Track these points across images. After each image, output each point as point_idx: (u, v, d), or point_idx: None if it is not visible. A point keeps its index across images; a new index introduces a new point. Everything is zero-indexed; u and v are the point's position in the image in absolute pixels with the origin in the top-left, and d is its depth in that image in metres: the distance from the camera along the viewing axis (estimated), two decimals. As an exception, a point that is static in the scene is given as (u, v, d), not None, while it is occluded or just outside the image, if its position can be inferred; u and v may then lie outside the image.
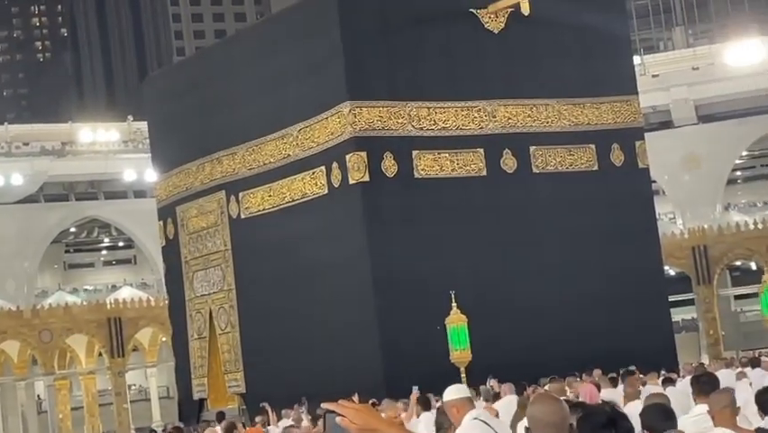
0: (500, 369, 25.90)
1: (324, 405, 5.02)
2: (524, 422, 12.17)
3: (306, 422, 21.70)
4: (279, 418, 24.37)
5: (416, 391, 22.14)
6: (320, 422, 21.73)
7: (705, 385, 10.53)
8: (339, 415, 4.86)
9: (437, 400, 20.86)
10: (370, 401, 24.95)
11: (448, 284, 31.02)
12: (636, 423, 7.00)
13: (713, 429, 8.58)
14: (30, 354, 55.74)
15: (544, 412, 6.68)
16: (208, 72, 42.60)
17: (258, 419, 25.69)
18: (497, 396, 19.73)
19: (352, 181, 34.47)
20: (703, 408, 9.97)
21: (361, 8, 36.82)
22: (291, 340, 35.41)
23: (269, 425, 23.59)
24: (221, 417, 31.15)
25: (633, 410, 9.46)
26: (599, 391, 19.37)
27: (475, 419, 11.06)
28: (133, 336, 56.92)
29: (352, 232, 34.39)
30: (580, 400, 16.24)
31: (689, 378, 17.74)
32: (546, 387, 20.71)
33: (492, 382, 23.21)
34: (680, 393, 15.88)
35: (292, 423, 21.43)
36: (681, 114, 65.79)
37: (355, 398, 26.13)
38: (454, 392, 11.89)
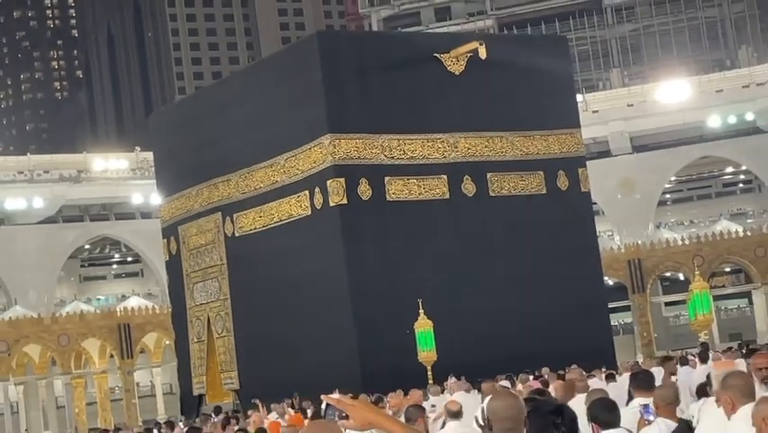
0: (461, 368, 25.83)
1: (325, 398, 4.94)
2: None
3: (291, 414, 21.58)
4: (269, 411, 24.24)
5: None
6: (309, 413, 21.62)
7: (642, 381, 10.72)
8: (338, 410, 4.80)
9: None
10: (349, 395, 25.05)
11: (416, 293, 31.01)
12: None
13: (658, 420, 8.59)
14: (49, 355, 55.50)
15: (503, 407, 6.63)
16: (206, 108, 42.52)
17: (250, 412, 25.58)
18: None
19: (332, 204, 34.42)
20: (641, 400, 9.97)
21: (338, 53, 36.82)
22: (279, 343, 35.31)
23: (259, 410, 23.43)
24: (218, 410, 31.04)
25: (575, 404, 9.43)
26: (548, 386, 19.33)
27: None
28: (141, 340, 56.73)
29: (331, 248, 34.33)
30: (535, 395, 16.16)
31: (627, 375, 17.75)
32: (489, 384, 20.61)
33: (452, 380, 23.10)
34: (619, 388, 15.89)
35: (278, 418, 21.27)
36: (617, 144, 66.09)
37: (336, 393, 26.14)
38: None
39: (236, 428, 17.74)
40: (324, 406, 16.33)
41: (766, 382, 9.41)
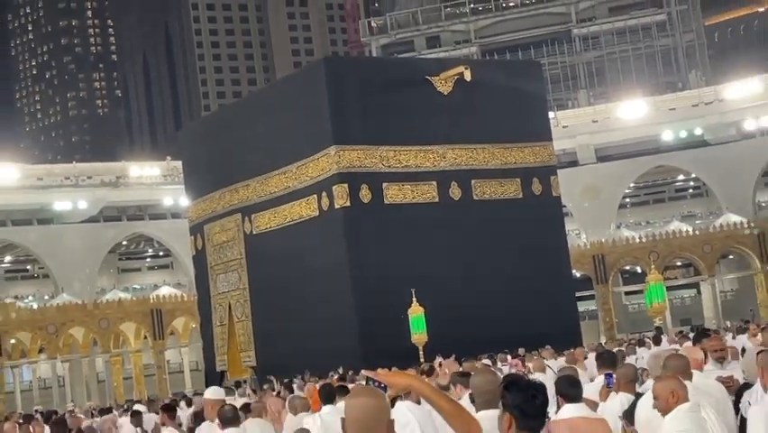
0: (449, 348, 25.77)
1: (365, 372, 4.90)
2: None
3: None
4: (282, 384, 24.10)
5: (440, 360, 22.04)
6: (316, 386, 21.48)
7: (606, 360, 10.75)
8: (377, 382, 4.75)
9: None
10: (350, 372, 25.03)
11: (409, 284, 31.08)
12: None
13: (620, 394, 8.61)
14: (91, 337, 55.48)
15: (482, 382, 6.66)
16: (228, 123, 42.54)
17: (265, 386, 25.52)
18: (431, 370, 19.62)
19: (336, 206, 34.46)
20: (603, 379, 9.99)
21: (342, 76, 36.84)
22: (291, 326, 35.33)
23: (274, 390, 23.36)
24: (238, 384, 31.01)
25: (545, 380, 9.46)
26: (524, 364, 19.36)
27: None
28: (171, 324, 56.72)
29: (336, 245, 34.37)
30: (510, 372, 16.21)
31: (592, 355, 17.76)
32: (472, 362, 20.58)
33: (440, 359, 23.10)
34: (585, 366, 15.94)
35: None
36: (584, 155, 66.11)
37: (340, 370, 26.12)
38: (211, 393, 11.63)
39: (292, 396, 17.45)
40: (364, 381, 16.34)
41: (720, 361, 9.55)
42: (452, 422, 4.67)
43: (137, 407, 20.53)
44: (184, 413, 19.36)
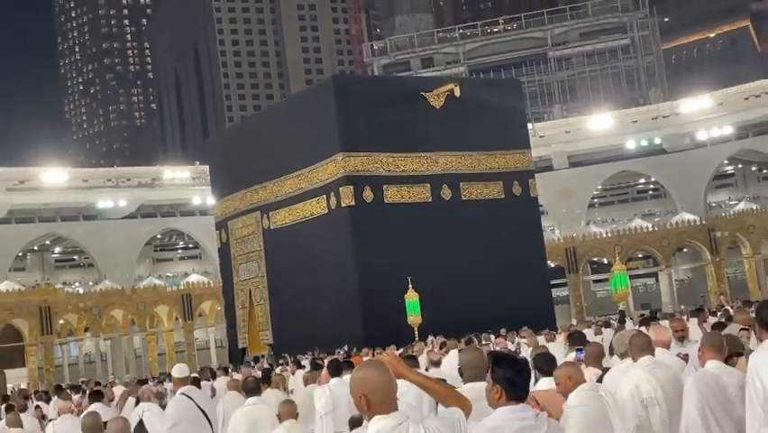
0: (439, 328, 25.84)
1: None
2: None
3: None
4: (295, 361, 24.10)
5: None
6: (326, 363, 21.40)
7: (576, 338, 10.82)
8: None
9: (396, 349, 20.77)
10: (354, 349, 25.06)
11: (406, 272, 31.07)
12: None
13: (587, 368, 8.63)
14: (130, 318, 55.55)
15: (471, 358, 6.66)
16: (249, 132, 42.54)
17: (281, 361, 25.51)
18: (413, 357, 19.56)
19: (343, 205, 34.44)
20: (575, 354, 10.03)
21: (348, 91, 36.84)
22: (302, 309, 35.32)
23: (287, 365, 23.31)
24: (257, 359, 31.05)
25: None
26: (506, 341, 19.40)
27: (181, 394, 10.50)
28: (199, 306, 56.80)
29: (343, 238, 34.35)
30: (494, 349, 16.21)
31: (564, 334, 17.78)
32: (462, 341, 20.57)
33: (431, 338, 23.12)
34: (559, 344, 15.95)
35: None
36: (558, 161, 66.08)
37: (345, 347, 26.14)
38: (177, 371, 11.20)
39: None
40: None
41: (680, 340, 9.63)
42: (448, 403, 4.67)
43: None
44: (206, 385, 19.30)
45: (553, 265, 52.43)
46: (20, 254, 62.05)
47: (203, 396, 11.03)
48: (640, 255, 60.90)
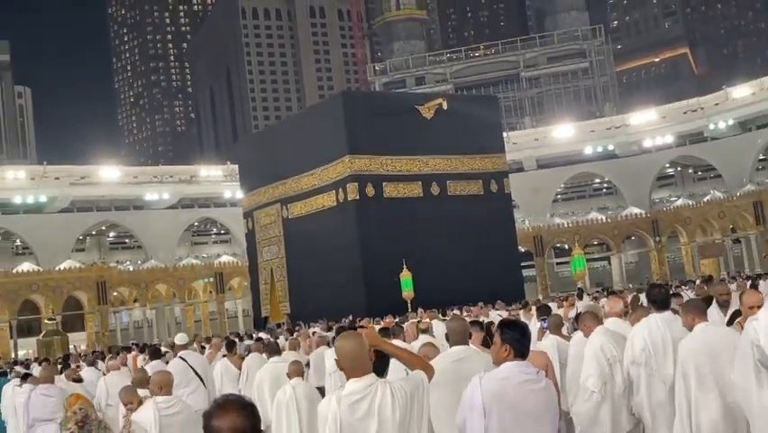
0: (429, 302, 25.91)
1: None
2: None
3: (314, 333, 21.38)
4: (309, 327, 24.09)
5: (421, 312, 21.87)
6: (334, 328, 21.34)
7: (542, 310, 10.81)
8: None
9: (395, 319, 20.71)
10: (357, 319, 25.09)
11: (401, 255, 31.11)
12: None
13: (551, 336, 8.63)
14: (171, 291, 55.54)
15: (456, 326, 6.67)
16: (271, 138, 42.53)
17: (296, 327, 25.51)
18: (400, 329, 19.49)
19: (349, 199, 34.49)
20: (540, 323, 10.04)
21: (355, 104, 36.94)
22: (314, 285, 35.38)
23: (302, 329, 23.28)
24: (278, 326, 31.05)
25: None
26: (482, 314, 19.33)
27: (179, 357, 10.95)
28: (229, 282, 56.74)
29: (349, 227, 34.39)
30: (474, 319, 16.19)
31: (534, 307, 17.77)
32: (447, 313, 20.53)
33: (420, 311, 23.12)
34: (530, 315, 15.96)
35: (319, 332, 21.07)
36: (528, 164, 66.03)
37: (350, 317, 26.18)
38: (178, 339, 11.68)
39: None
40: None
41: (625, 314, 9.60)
42: (413, 368, 4.71)
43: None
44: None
45: (522, 250, 52.44)
46: (80, 238, 62.03)
47: (196, 359, 11.29)
48: (595, 242, 60.92)
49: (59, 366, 15.37)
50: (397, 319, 18.37)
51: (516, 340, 4.70)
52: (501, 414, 4.49)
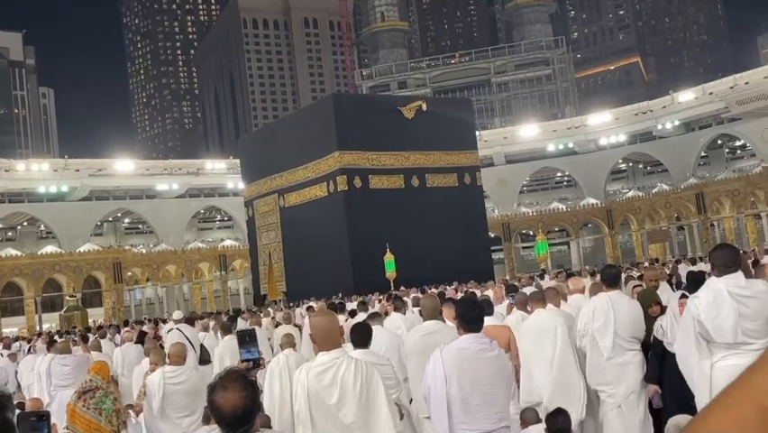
0: (410, 282, 25.92)
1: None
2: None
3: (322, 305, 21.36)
4: (299, 306, 23.98)
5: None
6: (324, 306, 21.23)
7: (510, 288, 10.88)
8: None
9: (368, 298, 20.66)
10: (345, 297, 25.06)
11: (385, 239, 31.02)
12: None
13: (516, 311, 8.59)
14: (180, 271, 55.26)
15: (428, 303, 6.68)
16: (270, 134, 42.27)
17: (291, 304, 25.46)
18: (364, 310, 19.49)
19: (339, 190, 34.35)
20: (509, 300, 10.04)
21: (344, 105, 36.72)
22: (307, 266, 35.27)
23: (297, 307, 23.24)
24: (275, 302, 31.00)
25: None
26: (457, 292, 19.40)
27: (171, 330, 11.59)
28: (232, 264, 56.52)
29: (338, 215, 34.26)
30: (448, 297, 16.20)
31: (503, 286, 17.78)
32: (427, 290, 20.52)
33: (403, 289, 23.12)
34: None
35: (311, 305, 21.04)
36: (498, 159, 66.00)
37: (339, 294, 26.14)
38: (175, 315, 12.40)
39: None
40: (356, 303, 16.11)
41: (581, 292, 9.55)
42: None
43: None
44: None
45: (492, 236, 52.60)
46: (98, 223, 61.58)
47: (190, 330, 11.96)
48: (557, 229, 61.16)
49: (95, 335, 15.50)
50: (361, 298, 18.37)
51: (464, 315, 4.70)
52: (460, 380, 4.53)
